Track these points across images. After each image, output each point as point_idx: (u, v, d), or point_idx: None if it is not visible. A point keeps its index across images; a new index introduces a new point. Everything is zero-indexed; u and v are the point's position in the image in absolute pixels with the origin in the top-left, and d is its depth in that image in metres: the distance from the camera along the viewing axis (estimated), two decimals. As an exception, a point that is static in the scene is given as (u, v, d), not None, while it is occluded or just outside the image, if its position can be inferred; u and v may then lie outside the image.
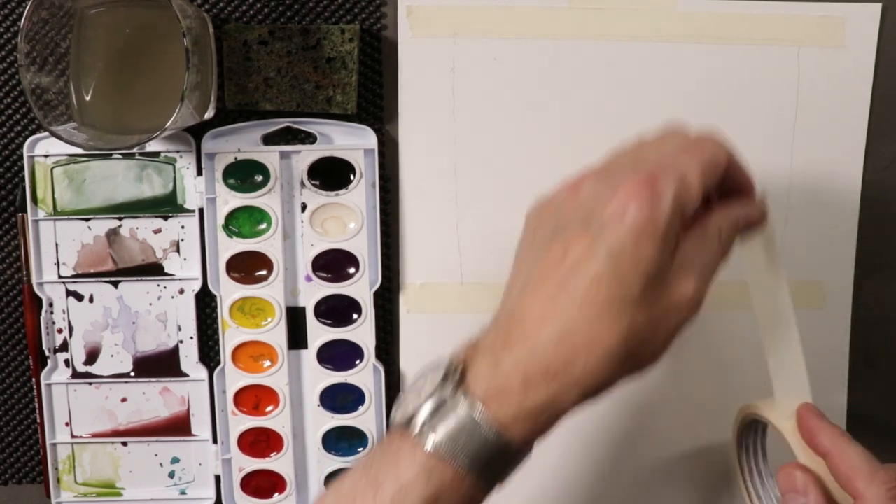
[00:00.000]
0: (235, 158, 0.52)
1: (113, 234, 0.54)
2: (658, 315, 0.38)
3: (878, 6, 0.53)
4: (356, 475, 0.39)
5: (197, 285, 0.54)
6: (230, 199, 0.52)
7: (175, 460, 0.55)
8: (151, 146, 0.52)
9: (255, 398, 0.54)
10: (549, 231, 0.39)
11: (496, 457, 0.38)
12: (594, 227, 0.37)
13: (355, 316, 0.53)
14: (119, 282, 0.54)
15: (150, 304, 0.54)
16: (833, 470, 0.41)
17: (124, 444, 0.55)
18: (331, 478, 0.55)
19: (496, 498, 0.39)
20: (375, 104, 0.53)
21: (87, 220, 0.53)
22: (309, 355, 0.54)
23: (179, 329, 0.54)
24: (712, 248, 0.40)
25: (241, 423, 0.54)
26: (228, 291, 0.53)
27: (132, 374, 0.55)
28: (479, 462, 0.37)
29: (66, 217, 0.53)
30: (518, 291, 0.39)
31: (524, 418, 0.37)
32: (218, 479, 0.55)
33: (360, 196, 0.52)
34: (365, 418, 0.54)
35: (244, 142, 0.52)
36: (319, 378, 0.54)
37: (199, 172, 0.53)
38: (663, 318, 0.39)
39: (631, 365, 0.39)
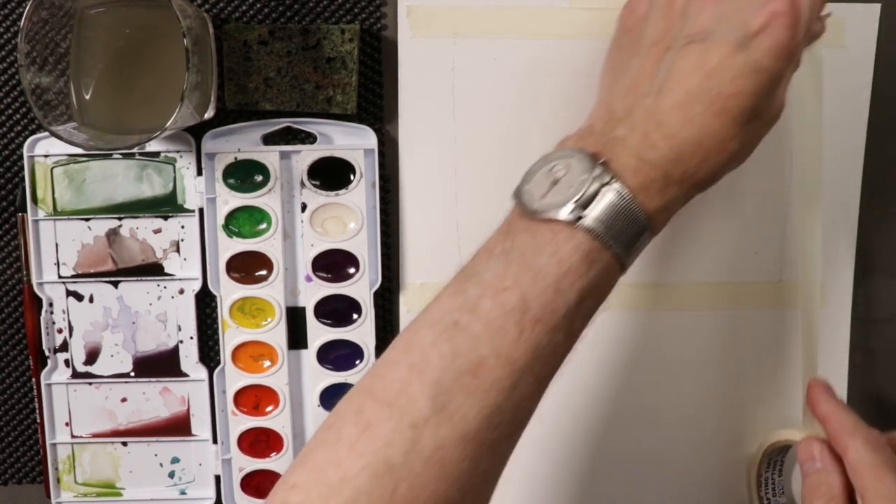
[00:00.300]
0: (235, 158, 0.52)
1: (113, 234, 0.54)
2: (762, 126, 0.42)
3: (878, 6, 0.53)
4: (496, 264, 0.38)
5: (197, 285, 0.54)
6: (230, 199, 0.52)
7: (175, 460, 0.55)
8: (151, 146, 0.52)
9: (255, 398, 0.54)
10: (678, 31, 0.41)
11: (641, 244, 0.40)
12: (737, 38, 0.39)
13: (355, 316, 0.53)
14: (119, 282, 0.54)
15: (150, 304, 0.54)
16: (827, 433, 0.47)
17: (124, 444, 0.55)
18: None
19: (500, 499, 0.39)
20: (375, 104, 0.53)
21: (87, 220, 0.53)
22: (309, 355, 0.54)
23: (179, 329, 0.54)
24: (796, 61, 0.42)
25: (241, 423, 0.54)
26: (228, 291, 0.53)
27: (132, 374, 0.55)
28: (630, 248, 0.39)
29: (66, 217, 0.53)
30: (650, 88, 0.40)
31: (662, 211, 0.40)
32: (218, 479, 0.55)
33: (360, 196, 0.52)
34: (365, 418, 0.54)
35: (244, 142, 0.52)
36: (319, 378, 0.54)
37: (199, 172, 0.53)
38: (765, 126, 0.42)
39: (734, 166, 0.42)
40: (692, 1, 0.41)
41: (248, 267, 0.53)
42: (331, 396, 0.54)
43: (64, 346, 0.54)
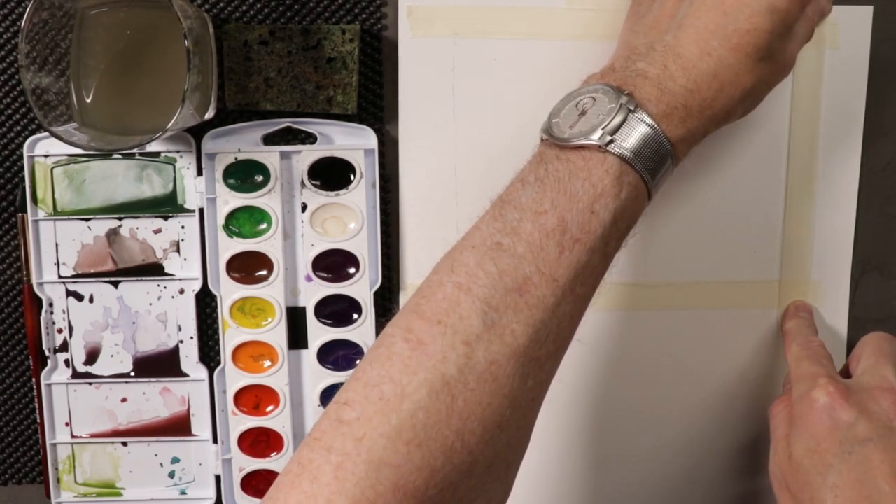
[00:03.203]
0: (236, 158, 0.52)
1: (113, 234, 0.54)
2: (774, 69, 0.45)
3: (870, 8, 0.53)
4: (532, 190, 0.40)
5: (197, 285, 0.54)
6: (230, 199, 0.52)
7: (175, 460, 0.55)
8: (151, 146, 0.52)
9: (255, 398, 0.54)
10: None
11: (667, 171, 0.43)
12: None
13: (355, 316, 0.53)
14: (119, 282, 0.54)
15: (151, 305, 0.54)
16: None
17: (124, 444, 0.55)
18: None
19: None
20: (376, 104, 0.53)
21: (87, 220, 0.53)
22: (309, 355, 0.54)
23: (179, 329, 0.54)
24: (808, 25, 0.46)
25: (242, 423, 0.54)
26: (229, 291, 0.53)
27: (132, 374, 0.55)
28: (655, 174, 0.42)
29: (66, 217, 0.53)
30: (670, 25, 0.43)
31: (683, 140, 0.42)
32: (218, 479, 0.55)
33: (361, 196, 0.52)
34: (365, 418, 0.54)
35: (244, 142, 0.52)
36: (320, 378, 0.54)
37: (200, 172, 0.53)
38: (777, 71, 0.45)
39: (747, 106, 0.45)
40: None
41: (248, 267, 0.53)
42: (331, 396, 0.53)
43: (64, 346, 0.54)
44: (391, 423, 0.36)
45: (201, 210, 0.53)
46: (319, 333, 0.54)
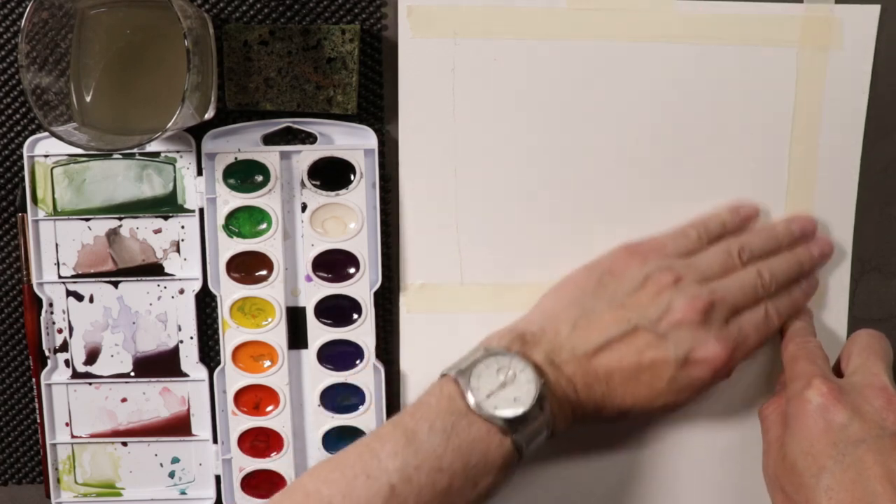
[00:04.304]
0: (236, 158, 0.52)
1: (113, 235, 0.54)
2: (665, 404, 0.50)
3: (877, 7, 0.53)
4: (436, 440, 0.43)
5: (197, 285, 0.54)
6: (230, 200, 0.52)
7: (175, 460, 0.55)
8: (151, 146, 0.52)
9: (255, 398, 0.54)
10: (644, 311, 0.48)
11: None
12: (678, 357, 0.48)
13: (355, 316, 0.53)
14: (119, 282, 0.54)
15: (151, 305, 0.54)
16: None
17: (124, 444, 0.55)
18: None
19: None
20: (376, 104, 0.53)
21: (87, 220, 0.53)
22: (309, 355, 0.54)
23: (179, 329, 0.54)
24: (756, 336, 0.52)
25: (242, 423, 0.54)
26: (229, 291, 0.53)
27: (132, 374, 0.55)
28: (533, 455, 0.46)
29: (66, 217, 0.53)
30: (596, 342, 0.47)
31: (563, 432, 0.48)
32: (218, 478, 0.55)
33: (361, 196, 0.52)
34: (365, 418, 0.54)
35: (244, 142, 0.52)
36: (320, 378, 0.54)
37: (200, 172, 0.53)
38: (668, 405, 0.50)
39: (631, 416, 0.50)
40: (675, 300, 0.48)
41: (248, 267, 0.53)
42: (331, 396, 0.54)
43: (64, 347, 0.54)
44: None
45: (201, 210, 0.53)
46: (319, 333, 0.54)
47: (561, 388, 0.47)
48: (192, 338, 0.54)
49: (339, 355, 0.54)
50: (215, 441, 0.55)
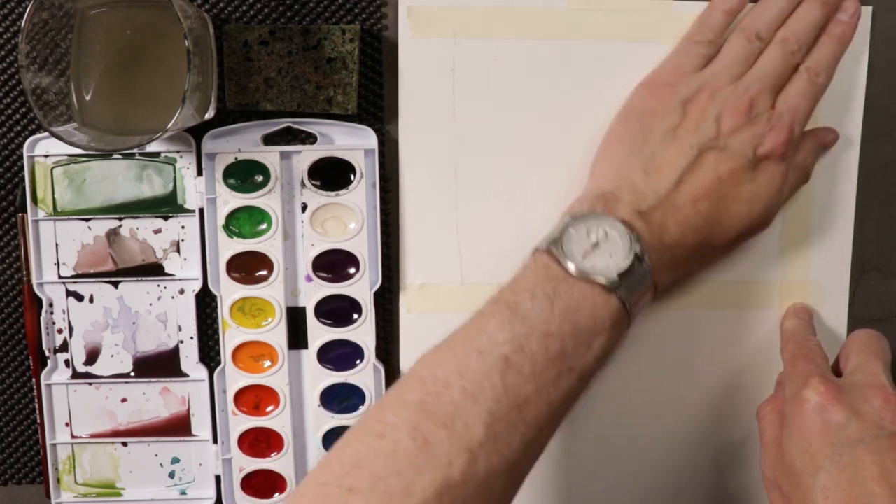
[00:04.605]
0: (236, 158, 0.52)
1: (113, 235, 0.54)
2: (758, 224, 0.50)
3: (869, 9, 0.53)
4: (540, 307, 0.43)
5: (197, 285, 0.54)
6: (230, 200, 0.52)
7: (175, 460, 0.55)
8: (151, 146, 0.52)
9: (255, 398, 0.54)
10: (702, 133, 0.48)
11: (644, 311, 0.47)
12: (747, 159, 0.48)
13: (356, 316, 0.53)
14: (119, 282, 0.54)
15: (151, 305, 0.54)
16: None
17: (124, 444, 0.55)
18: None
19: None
20: (376, 104, 0.53)
21: (87, 220, 0.53)
22: (309, 355, 0.54)
23: (180, 329, 0.54)
24: (798, 173, 0.52)
25: (242, 423, 0.54)
26: (229, 291, 0.53)
27: (132, 374, 0.55)
28: (638, 314, 0.46)
29: (66, 217, 0.53)
30: (671, 176, 0.47)
31: (666, 286, 0.48)
32: (218, 479, 0.55)
33: (361, 196, 0.52)
34: (365, 418, 0.54)
35: (244, 142, 0.52)
36: (320, 378, 0.54)
37: (200, 172, 0.53)
38: (759, 226, 0.50)
39: (725, 256, 0.52)
40: (720, 112, 0.48)
41: (248, 267, 0.53)
42: (331, 396, 0.54)
43: (64, 347, 0.54)
44: None
45: (201, 210, 0.53)
46: (319, 333, 0.54)
47: (655, 235, 0.46)
48: (192, 338, 0.54)
49: (340, 355, 0.54)
50: (215, 441, 0.55)
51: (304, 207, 0.53)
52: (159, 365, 0.54)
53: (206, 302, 0.54)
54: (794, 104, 0.49)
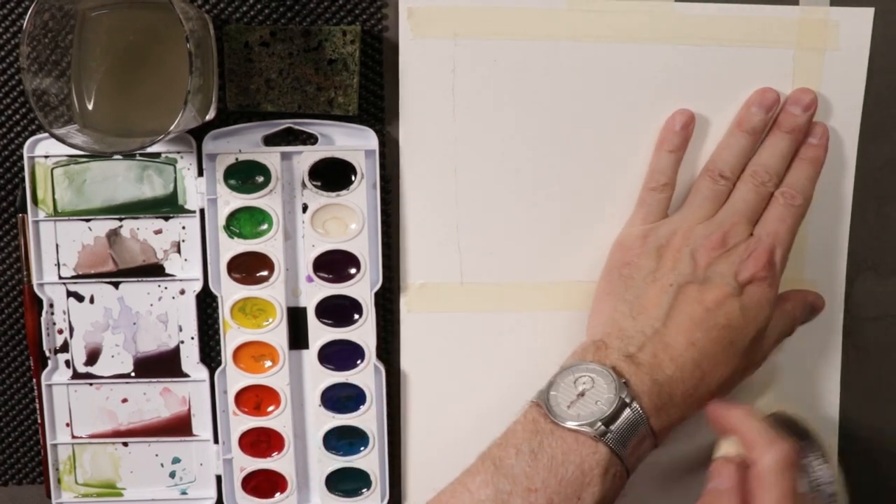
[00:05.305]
0: (236, 159, 0.52)
1: (113, 235, 0.54)
2: (748, 364, 0.49)
3: (871, 10, 0.53)
4: (525, 463, 0.43)
5: (198, 286, 0.54)
6: (231, 200, 0.53)
7: (176, 460, 0.56)
8: (152, 147, 0.52)
9: (256, 398, 0.55)
10: (679, 271, 0.48)
11: (645, 457, 0.46)
12: (731, 286, 0.48)
13: (356, 316, 0.54)
14: (120, 282, 0.54)
15: (151, 305, 0.54)
16: (742, 443, 0.47)
17: (125, 444, 0.55)
18: (332, 477, 0.55)
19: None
20: (376, 105, 0.53)
21: (88, 220, 0.53)
22: (310, 355, 0.54)
23: (180, 329, 0.54)
24: (787, 322, 0.52)
25: (242, 423, 0.54)
26: (229, 292, 0.53)
27: (133, 374, 0.55)
28: (638, 462, 0.46)
29: (66, 218, 0.53)
30: (657, 313, 0.47)
31: (665, 429, 0.46)
32: (219, 479, 0.55)
33: (361, 197, 0.53)
34: (366, 418, 0.54)
35: (245, 143, 0.52)
36: (320, 378, 0.54)
37: (200, 173, 0.53)
38: (750, 365, 0.50)
39: (720, 395, 0.48)
40: (694, 249, 0.49)
41: (249, 267, 0.53)
42: (332, 396, 0.54)
43: (64, 347, 0.54)
44: None
45: (202, 211, 0.53)
46: (320, 334, 0.54)
47: (647, 376, 0.45)
48: (192, 338, 0.54)
49: (340, 355, 0.54)
50: (216, 441, 0.55)
51: (305, 208, 0.53)
52: (160, 365, 0.55)
53: (206, 302, 0.54)
54: (773, 228, 0.50)
